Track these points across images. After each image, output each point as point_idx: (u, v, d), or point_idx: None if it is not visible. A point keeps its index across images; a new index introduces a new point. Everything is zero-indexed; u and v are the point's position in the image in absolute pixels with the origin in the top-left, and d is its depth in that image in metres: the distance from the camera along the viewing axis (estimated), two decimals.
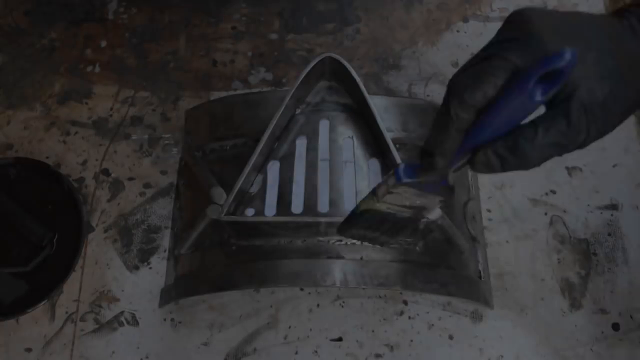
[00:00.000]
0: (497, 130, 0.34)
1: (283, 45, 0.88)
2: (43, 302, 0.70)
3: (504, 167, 0.34)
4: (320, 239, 0.62)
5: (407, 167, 0.39)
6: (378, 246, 0.62)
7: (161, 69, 0.86)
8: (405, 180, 0.39)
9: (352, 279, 0.59)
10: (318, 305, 0.70)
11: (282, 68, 0.86)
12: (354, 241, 0.62)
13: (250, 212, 0.62)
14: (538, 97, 0.31)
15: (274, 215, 0.61)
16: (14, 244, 0.73)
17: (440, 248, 0.65)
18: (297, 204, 0.61)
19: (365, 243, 0.62)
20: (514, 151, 0.33)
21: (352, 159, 0.64)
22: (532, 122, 0.34)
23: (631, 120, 0.81)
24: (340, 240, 0.62)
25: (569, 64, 0.30)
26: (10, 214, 0.74)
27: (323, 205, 0.61)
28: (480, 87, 0.33)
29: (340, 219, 0.58)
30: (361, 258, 0.61)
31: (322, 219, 0.58)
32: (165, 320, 0.70)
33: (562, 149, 0.34)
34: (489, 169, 0.35)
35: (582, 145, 0.35)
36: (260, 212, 0.61)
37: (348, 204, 0.61)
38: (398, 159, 0.59)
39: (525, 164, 0.34)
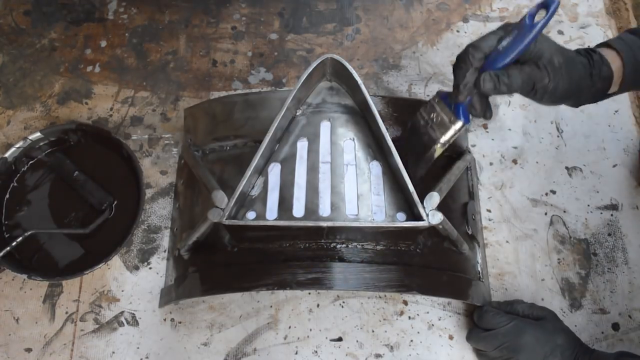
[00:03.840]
0: (496, 68, 0.54)
1: (283, 45, 0.88)
2: (99, 266, 0.69)
3: (496, 87, 0.54)
4: (322, 241, 0.62)
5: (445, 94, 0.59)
6: (379, 249, 0.62)
7: (161, 69, 0.86)
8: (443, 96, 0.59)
9: (354, 282, 0.59)
10: (318, 305, 0.70)
11: (282, 68, 0.86)
12: (356, 244, 0.62)
13: (251, 215, 0.61)
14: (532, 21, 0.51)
15: (276, 219, 0.60)
16: (73, 207, 0.73)
17: (440, 250, 0.65)
18: (298, 208, 0.61)
19: (367, 246, 0.62)
20: (503, 76, 0.54)
21: (353, 162, 0.63)
22: (515, 64, 0.54)
23: (631, 120, 0.81)
24: (342, 244, 0.62)
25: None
26: (71, 176, 0.74)
27: (324, 209, 0.61)
28: (487, 36, 0.55)
29: (341, 224, 0.58)
30: (362, 261, 0.61)
31: (324, 224, 0.58)
32: (165, 320, 0.70)
33: (531, 84, 0.54)
34: (486, 86, 0.54)
35: (544, 90, 0.54)
36: (261, 215, 0.61)
37: (349, 208, 0.61)
38: (399, 161, 0.59)
39: (509, 87, 0.54)
